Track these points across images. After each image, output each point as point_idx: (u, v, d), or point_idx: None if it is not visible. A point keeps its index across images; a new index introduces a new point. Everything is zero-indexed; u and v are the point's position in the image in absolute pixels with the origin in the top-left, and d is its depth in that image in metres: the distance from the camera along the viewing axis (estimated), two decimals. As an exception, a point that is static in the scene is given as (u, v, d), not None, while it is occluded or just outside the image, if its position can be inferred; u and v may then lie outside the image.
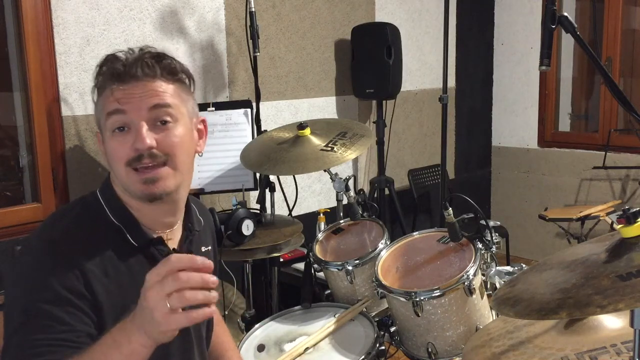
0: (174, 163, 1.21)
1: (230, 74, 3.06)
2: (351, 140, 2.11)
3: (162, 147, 1.18)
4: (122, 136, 1.18)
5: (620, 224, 1.03)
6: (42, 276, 1.10)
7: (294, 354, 1.60)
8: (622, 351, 1.12)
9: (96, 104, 1.23)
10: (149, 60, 1.20)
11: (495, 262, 1.83)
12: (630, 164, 3.93)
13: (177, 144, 1.20)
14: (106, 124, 1.19)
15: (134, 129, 1.17)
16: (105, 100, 1.19)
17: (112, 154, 1.20)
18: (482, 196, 4.80)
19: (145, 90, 1.18)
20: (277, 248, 2.33)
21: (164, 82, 1.21)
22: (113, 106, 1.17)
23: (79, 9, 2.47)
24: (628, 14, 4.14)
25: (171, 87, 1.22)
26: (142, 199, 1.20)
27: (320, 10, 3.46)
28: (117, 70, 1.18)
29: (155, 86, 1.20)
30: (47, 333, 1.06)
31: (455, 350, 1.65)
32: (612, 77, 1.53)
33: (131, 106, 1.17)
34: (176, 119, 1.21)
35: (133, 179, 1.18)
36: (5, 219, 2.34)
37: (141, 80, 1.19)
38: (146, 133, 1.16)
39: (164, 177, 1.19)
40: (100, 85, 1.21)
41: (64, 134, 2.47)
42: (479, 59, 4.65)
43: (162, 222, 1.28)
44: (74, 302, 1.10)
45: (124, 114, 1.17)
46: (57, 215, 1.24)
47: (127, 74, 1.18)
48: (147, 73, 1.19)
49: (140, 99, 1.18)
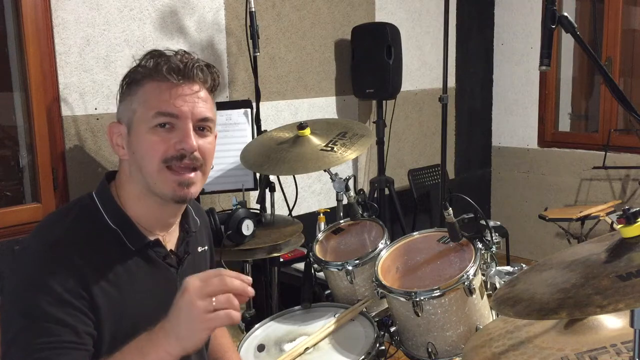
0: (205, 169, 1.25)
1: (230, 74, 3.06)
2: (351, 140, 2.11)
3: (201, 152, 1.22)
4: (165, 133, 1.19)
5: (620, 224, 1.03)
6: (41, 279, 1.10)
7: (294, 354, 1.60)
8: (622, 351, 1.12)
9: (132, 95, 1.22)
10: (204, 66, 1.24)
11: (495, 262, 1.83)
12: (630, 164, 3.93)
13: (210, 152, 1.26)
14: (151, 119, 1.19)
15: (180, 129, 1.19)
16: (156, 94, 1.19)
17: (148, 148, 1.19)
18: (482, 196, 4.80)
19: (197, 96, 1.21)
20: (277, 248, 2.33)
21: (208, 92, 1.25)
22: (167, 107, 1.18)
23: (79, 9, 2.47)
24: (628, 14, 4.14)
25: (211, 99, 1.26)
26: (171, 199, 1.22)
27: (320, 10, 3.46)
28: (177, 66, 1.19)
29: (203, 94, 1.23)
30: (50, 336, 1.06)
31: (455, 350, 1.65)
32: (612, 77, 1.53)
33: (183, 109, 1.19)
34: (212, 131, 1.27)
35: (167, 177, 1.20)
36: (5, 219, 2.34)
37: (196, 83, 1.22)
38: (194, 136, 1.20)
39: (195, 182, 1.23)
40: (146, 76, 1.20)
41: (64, 134, 2.47)
42: (479, 59, 4.65)
43: (163, 223, 1.28)
44: (73, 304, 1.10)
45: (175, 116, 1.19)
46: (53, 218, 1.23)
47: (185, 72, 1.20)
48: (202, 78, 1.22)
49: (192, 104, 1.20)
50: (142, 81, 1.21)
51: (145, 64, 1.21)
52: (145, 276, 1.24)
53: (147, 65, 1.21)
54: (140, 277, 1.23)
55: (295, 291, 2.27)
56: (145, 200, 1.23)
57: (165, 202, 1.23)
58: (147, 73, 1.20)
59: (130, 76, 1.23)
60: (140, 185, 1.22)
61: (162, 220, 1.27)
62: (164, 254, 1.28)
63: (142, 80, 1.21)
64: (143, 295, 1.22)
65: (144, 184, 1.21)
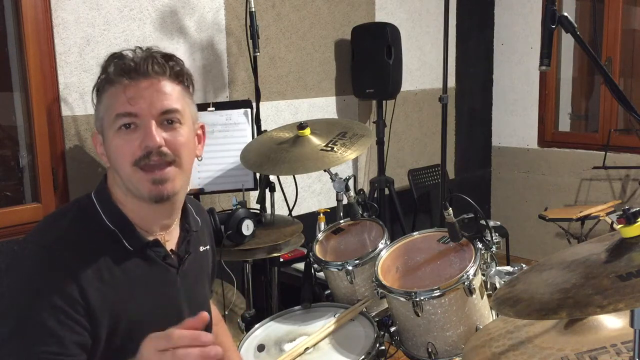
0: (180, 163, 1.21)
1: (230, 74, 3.06)
2: (351, 140, 2.11)
3: (170, 146, 1.19)
4: (129, 134, 1.17)
5: (620, 224, 1.03)
6: (37, 283, 1.10)
7: (294, 354, 1.60)
8: (622, 351, 1.12)
9: (99, 103, 1.22)
10: (159, 58, 1.20)
11: (495, 262, 1.83)
12: (630, 164, 3.93)
13: (183, 143, 1.21)
14: (113, 123, 1.18)
15: (142, 127, 1.17)
16: (114, 98, 1.18)
17: (116, 152, 1.19)
18: (482, 196, 4.80)
19: (154, 90, 1.18)
20: (277, 248, 2.33)
21: (171, 83, 1.22)
22: (124, 108, 1.16)
23: (79, 9, 2.47)
24: (628, 14, 4.14)
25: (177, 89, 1.23)
26: (149, 199, 1.20)
27: (320, 10, 3.46)
28: (127, 66, 1.18)
29: (163, 86, 1.20)
30: (39, 345, 1.06)
31: (455, 350, 1.65)
32: (612, 77, 1.53)
33: (141, 106, 1.16)
34: (182, 121, 1.22)
35: (141, 178, 1.18)
36: (5, 219, 2.33)
37: (151, 78, 1.19)
38: (156, 131, 1.17)
39: (171, 178, 1.20)
40: (106, 82, 1.20)
41: (64, 134, 2.47)
42: (479, 59, 4.65)
43: (159, 223, 1.27)
44: (66, 311, 1.09)
45: (134, 115, 1.17)
46: (51, 219, 1.23)
47: (137, 70, 1.18)
48: (157, 71, 1.19)
49: (150, 99, 1.17)
50: (103, 88, 1.21)
51: (105, 70, 1.21)
52: (144, 276, 1.23)
53: (107, 70, 1.20)
54: (139, 278, 1.22)
55: (295, 291, 2.27)
56: (132, 203, 1.23)
57: (149, 204, 1.21)
58: (106, 79, 1.20)
59: (96, 85, 1.23)
60: (123, 189, 1.22)
61: (155, 221, 1.26)
62: (163, 254, 1.27)
63: (104, 87, 1.21)
64: (142, 296, 1.22)
65: (125, 188, 1.22)
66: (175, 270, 1.30)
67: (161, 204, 1.22)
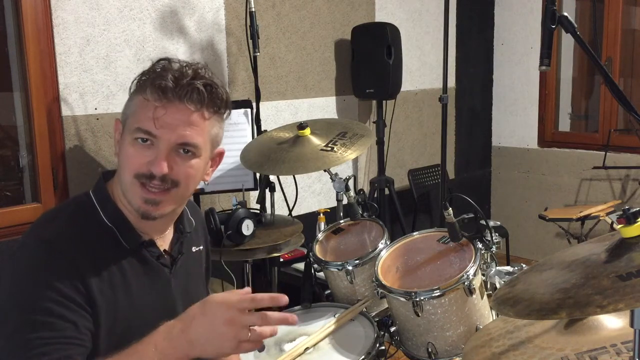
0: (180, 191, 1.21)
1: (230, 74, 3.06)
2: (351, 140, 2.11)
3: (176, 174, 1.19)
4: (142, 149, 1.17)
5: (620, 224, 1.03)
6: (39, 274, 1.10)
7: (294, 354, 1.60)
8: (622, 351, 1.11)
9: (131, 100, 1.21)
10: (201, 86, 1.18)
11: (495, 262, 1.83)
12: (630, 164, 3.93)
13: (191, 175, 1.22)
14: (133, 131, 1.18)
15: (156, 149, 1.17)
16: (143, 109, 1.17)
17: (126, 158, 1.19)
18: (482, 196, 4.80)
19: (182, 120, 1.17)
20: (277, 248, 2.33)
21: (203, 115, 1.20)
22: (147, 126, 1.16)
23: (79, 9, 2.47)
24: (628, 14, 4.14)
25: (207, 123, 1.21)
26: (137, 214, 1.21)
27: (320, 10, 3.46)
28: (166, 85, 1.15)
29: (193, 119, 1.18)
30: (51, 331, 1.06)
31: (455, 350, 1.65)
32: (612, 77, 1.53)
33: (163, 131, 1.16)
34: (198, 154, 1.22)
35: (137, 192, 1.19)
36: (5, 219, 2.34)
37: (184, 105, 1.17)
38: (165, 159, 1.17)
39: (164, 202, 1.20)
40: (143, 88, 1.18)
41: (64, 134, 2.47)
42: (479, 59, 4.65)
43: (152, 229, 1.28)
44: (73, 299, 1.10)
45: (153, 136, 1.16)
46: (49, 215, 1.24)
47: (174, 93, 1.16)
48: (194, 100, 1.17)
49: (174, 128, 1.16)
50: (139, 89, 1.20)
51: (149, 73, 1.19)
52: (139, 275, 1.24)
53: (151, 74, 1.19)
54: (134, 277, 1.23)
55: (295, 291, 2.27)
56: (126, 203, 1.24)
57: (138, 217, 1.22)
58: (145, 85, 1.18)
59: (137, 80, 1.21)
60: (121, 186, 1.23)
61: (148, 227, 1.27)
62: (157, 254, 1.28)
63: (139, 89, 1.20)
64: (136, 295, 1.23)
65: (121, 187, 1.22)
66: (168, 270, 1.31)
67: (149, 220, 1.23)
